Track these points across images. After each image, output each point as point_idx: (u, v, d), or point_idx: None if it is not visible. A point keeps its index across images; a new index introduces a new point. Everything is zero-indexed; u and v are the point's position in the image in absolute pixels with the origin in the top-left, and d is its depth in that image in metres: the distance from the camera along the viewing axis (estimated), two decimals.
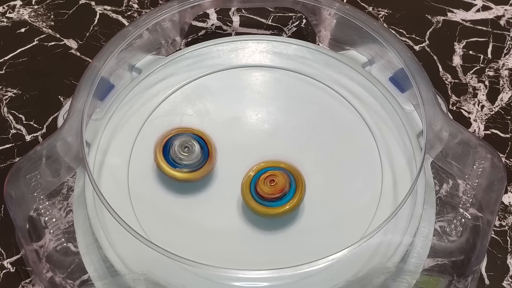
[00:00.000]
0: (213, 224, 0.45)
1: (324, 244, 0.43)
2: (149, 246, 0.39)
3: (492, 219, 0.43)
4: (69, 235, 0.44)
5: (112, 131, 0.49)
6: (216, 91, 0.52)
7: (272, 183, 0.44)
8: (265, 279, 0.41)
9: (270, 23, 0.63)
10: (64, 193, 0.46)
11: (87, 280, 0.43)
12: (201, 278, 0.42)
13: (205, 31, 0.62)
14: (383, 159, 0.48)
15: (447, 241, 0.44)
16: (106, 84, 0.50)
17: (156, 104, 0.51)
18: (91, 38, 0.62)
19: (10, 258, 0.49)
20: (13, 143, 0.55)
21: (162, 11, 0.51)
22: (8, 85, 0.58)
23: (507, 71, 0.60)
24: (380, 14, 0.64)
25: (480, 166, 0.44)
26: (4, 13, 0.63)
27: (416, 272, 0.44)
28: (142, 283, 0.42)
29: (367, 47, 0.52)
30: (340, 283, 0.42)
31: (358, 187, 0.46)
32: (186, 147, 0.45)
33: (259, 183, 0.44)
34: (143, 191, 0.46)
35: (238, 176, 0.46)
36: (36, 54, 0.60)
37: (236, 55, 0.53)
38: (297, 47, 0.54)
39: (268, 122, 0.50)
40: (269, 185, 0.44)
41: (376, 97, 0.51)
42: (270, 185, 0.44)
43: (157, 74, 0.52)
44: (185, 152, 0.45)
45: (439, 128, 0.46)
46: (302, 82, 0.52)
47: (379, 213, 0.45)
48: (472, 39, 0.62)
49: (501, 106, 0.58)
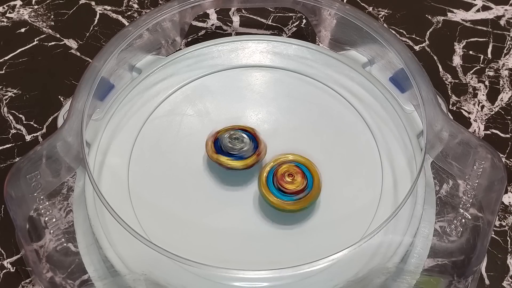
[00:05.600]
0: (213, 224, 0.45)
1: (324, 244, 0.43)
2: (149, 246, 0.39)
3: (492, 219, 0.43)
4: (69, 235, 0.44)
5: (112, 131, 0.49)
6: (216, 91, 0.52)
7: (291, 177, 0.44)
8: (265, 279, 0.41)
9: (270, 23, 0.63)
10: (64, 193, 0.46)
11: (87, 280, 0.43)
12: (201, 278, 0.42)
13: (205, 31, 0.62)
14: (383, 159, 0.48)
15: (447, 241, 0.44)
16: (106, 84, 0.50)
17: (156, 104, 0.51)
18: (91, 38, 0.62)
19: (10, 258, 0.49)
20: (13, 143, 0.55)
21: (162, 11, 0.51)
22: (8, 85, 0.58)
23: (507, 71, 0.60)
24: (380, 14, 0.64)
25: (480, 166, 0.44)
26: (4, 13, 0.63)
27: (416, 273, 0.44)
28: (142, 283, 0.42)
29: (367, 47, 0.52)
30: (340, 284, 0.42)
31: (358, 187, 0.46)
32: (236, 138, 0.46)
33: (278, 178, 0.44)
34: (143, 191, 0.46)
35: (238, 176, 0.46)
36: (36, 54, 0.60)
37: (236, 55, 0.53)
38: (297, 47, 0.54)
39: (268, 122, 0.50)
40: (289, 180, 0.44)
41: (376, 97, 0.51)
42: (289, 179, 0.44)
43: (157, 74, 0.52)
44: (237, 143, 0.46)
45: (439, 128, 0.46)
46: (302, 82, 0.52)
47: (379, 213, 0.45)
48: (472, 39, 0.62)
49: (501, 106, 0.58)
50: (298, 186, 0.44)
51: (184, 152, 0.48)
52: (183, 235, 0.44)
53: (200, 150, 0.48)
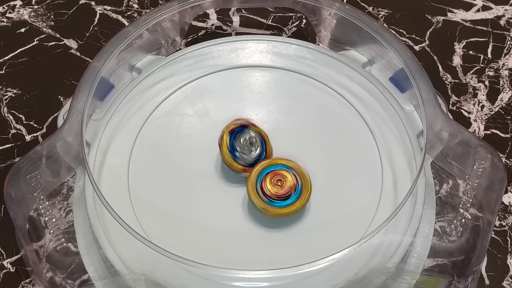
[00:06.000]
0: (213, 224, 0.45)
1: (324, 244, 0.43)
2: (149, 246, 0.39)
3: (492, 219, 0.43)
4: (69, 235, 0.44)
5: (112, 131, 0.49)
6: (216, 91, 0.52)
7: (279, 183, 0.44)
8: (265, 279, 0.41)
9: (270, 23, 0.63)
10: (64, 193, 0.46)
11: (87, 280, 0.43)
12: (201, 278, 0.42)
13: (205, 31, 0.62)
14: (383, 159, 0.48)
15: (447, 241, 0.44)
16: (106, 84, 0.50)
17: (156, 104, 0.51)
18: (91, 38, 0.62)
19: (10, 258, 0.49)
20: (13, 143, 0.55)
21: (162, 11, 0.51)
22: (8, 85, 0.58)
23: (507, 71, 0.60)
24: (380, 14, 0.64)
25: (480, 166, 0.44)
26: (4, 13, 0.63)
27: (416, 272, 0.44)
28: (142, 283, 0.42)
29: (367, 47, 0.52)
30: (340, 283, 0.42)
31: (358, 187, 0.46)
32: (251, 143, 0.46)
33: (266, 183, 0.44)
34: (143, 191, 0.46)
35: (238, 176, 0.46)
36: (36, 54, 0.60)
37: (236, 55, 0.53)
38: (297, 47, 0.54)
39: (268, 122, 0.50)
40: (276, 185, 0.44)
41: (376, 97, 0.51)
42: (277, 185, 0.44)
43: (157, 74, 0.52)
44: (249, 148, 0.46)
45: (439, 128, 0.46)
46: (302, 82, 0.52)
47: (379, 213, 0.45)
48: (472, 39, 0.62)
49: (501, 106, 0.58)
50: (283, 191, 0.44)
51: (184, 152, 0.48)
52: (183, 235, 0.44)
53: (200, 150, 0.48)
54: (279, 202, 0.44)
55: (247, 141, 0.46)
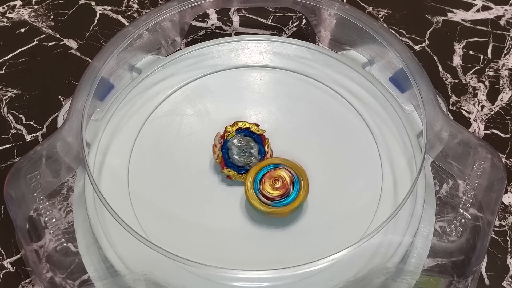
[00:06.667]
0: (213, 224, 0.45)
1: (324, 244, 0.43)
2: (149, 246, 0.39)
3: (492, 219, 0.43)
4: (69, 235, 0.44)
5: (112, 131, 0.49)
6: (216, 91, 0.52)
7: (277, 183, 0.44)
8: (265, 279, 0.41)
9: (270, 23, 0.63)
10: (64, 193, 0.46)
11: (87, 280, 0.43)
12: (201, 278, 0.42)
13: (205, 31, 0.62)
14: (383, 159, 0.48)
15: (447, 241, 0.44)
16: (106, 84, 0.50)
17: (156, 104, 0.51)
18: (91, 38, 0.62)
19: (10, 258, 0.49)
20: (13, 143, 0.55)
21: (162, 11, 0.51)
22: (8, 85, 0.58)
23: (507, 71, 0.60)
24: (380, 14, 0.64)
25: (480, 166, 0.44)
26: (4, 13, 0.63)
27: (416, 273, 0.44)
28: (142, 284, 0.42)
29: (367, 47, 0.52)
30: (340, 283, 0.42)
31: (358, 187, 0.46)
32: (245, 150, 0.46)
33: (264, 184, 0.44)
34: (143, 191, 0.46)
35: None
36: (36, 54, 0.60)
37: (236, 55, 0.53)
38: (297, 47, 0.54)
39: (268, 122, 0.50)
40: (275, 188, 0.44)
41: (376, 97, 0.51)
42: (276, 186, 0.44)
43: (157, 74, 0.52)
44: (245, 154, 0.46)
45: (439, 128, 0.46)
46: (302, 82, 0.52)
47: (379, 213, 0.45)
48: (472, 39, 0.62)
49: (501, 106, 0.58)
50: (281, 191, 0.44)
51: (184, 152, 0.48)
52: (183, 235, 0.44)
53: (200, 150, 0.48)
54: (282, 201, 0.44)
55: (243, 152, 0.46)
